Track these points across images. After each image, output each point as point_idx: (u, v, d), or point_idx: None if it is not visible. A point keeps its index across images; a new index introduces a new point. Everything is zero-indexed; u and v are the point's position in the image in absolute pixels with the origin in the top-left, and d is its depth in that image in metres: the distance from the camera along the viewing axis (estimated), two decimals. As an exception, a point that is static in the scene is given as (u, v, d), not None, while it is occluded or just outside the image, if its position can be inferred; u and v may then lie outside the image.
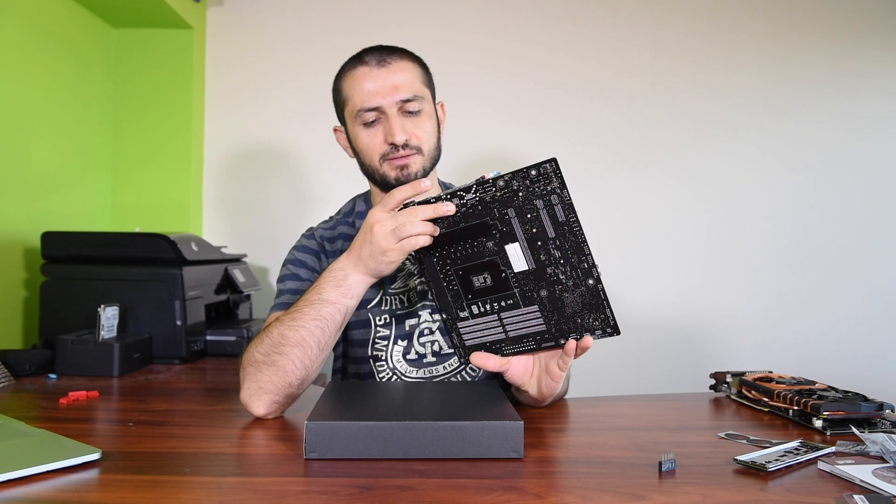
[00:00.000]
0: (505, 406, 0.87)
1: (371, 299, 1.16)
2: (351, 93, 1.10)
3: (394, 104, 1.07)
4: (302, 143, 2.12)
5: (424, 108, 1.11)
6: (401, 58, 1.11)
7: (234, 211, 2.13)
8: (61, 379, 1.30)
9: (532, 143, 2.08)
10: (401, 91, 1.07)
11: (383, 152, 1.09)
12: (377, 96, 1.07)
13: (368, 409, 0.85)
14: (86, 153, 1.92)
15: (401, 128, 1.07)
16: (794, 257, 2.09)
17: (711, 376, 1.21)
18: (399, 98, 1.07)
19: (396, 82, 1.08)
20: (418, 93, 1.09)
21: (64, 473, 0.73)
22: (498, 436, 0.78)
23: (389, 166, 1.10)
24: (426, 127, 1.11)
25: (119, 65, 2.04)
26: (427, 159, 1.12)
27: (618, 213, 2.11)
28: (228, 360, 1.57)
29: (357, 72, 1.10)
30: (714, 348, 2.08)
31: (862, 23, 2.08)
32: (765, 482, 0.73)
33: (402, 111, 1.08)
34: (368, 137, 1.10)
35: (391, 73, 1.08)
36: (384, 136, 1.08)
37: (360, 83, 1.09)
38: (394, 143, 1.07)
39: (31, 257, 1.63)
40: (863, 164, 2.09)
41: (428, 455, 0.78)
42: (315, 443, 0.78)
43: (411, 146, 1.09)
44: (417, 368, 1.14)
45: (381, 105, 1.07)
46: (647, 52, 2.09)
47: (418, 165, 1.10)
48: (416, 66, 1.12)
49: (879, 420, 0.94)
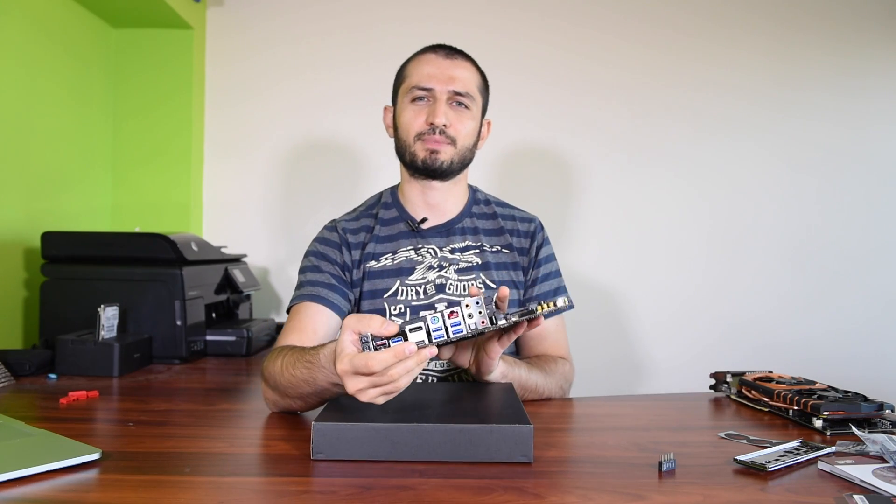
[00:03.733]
0: (516, 409, 0.86)
1: (388, 289, 1.18)
2: (411, 72, 1.19)
3: (445, 91, 1.15)
4: (302, 142, 2.12)
5: (472, 109, 1.18)
6: (466, 59, 1.20)
7: (234, 211, 2.13)
8: (61, 379, 1.30)
9: (533, 142, 2.08)
10: (456, 83, 1.16)
11: (420, 131, 1.16)
12: (433, 79, 1.15)
13: (377, 411, 0.84)
14: (86, 153, 1.92)
15: (444, 113, 1.15)
16: (794, 257, 2.09)
17: (711, 376, 1.21)
18: (452, 88, 1.15)
19: (455, 75, 1.16)
20: (471, 92, 1.17)
21: (64, 473, 0.73)
22: (507, 439, 0.78)
23: (421, 146, 1.16)
24: (467, 125, 1.18)
25: (119, 65, 2.04)
26: (458, 154, 1.18)
27: (618, 212, 2.11)
28: (228, 360, 1.57)
29: (424, 56, 1.19)
30: (714, 348, 2.08)
31: (863, 22, 2.08)
32: (765, 482, 0.73)
33: (451, 101, 1.16)
34: (412, 113, 1.17)
35: (453, 66, 1.17)
36: (427, 115, 1.15)
37: (422, 65, 1.18)
38: (434, 123, 1.14)
39: (31, 257, 1.63)
40: (865, 164, 2.09)
41: (436, 458, 0.78)
42: (322, 444, 0.78)
43: (448, 135, 1.16)
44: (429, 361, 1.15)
45: (435, 88, 1.15)
46: (647, 51, 2.09)
47: (447, 155, 1.17)
48: (477, 73, 1.21)
49: (879, 420, 0.94)
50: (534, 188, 2.09)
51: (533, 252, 1.23)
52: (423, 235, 1.22)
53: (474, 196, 1.29)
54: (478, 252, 1.21)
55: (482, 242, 1.23)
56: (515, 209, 1.30)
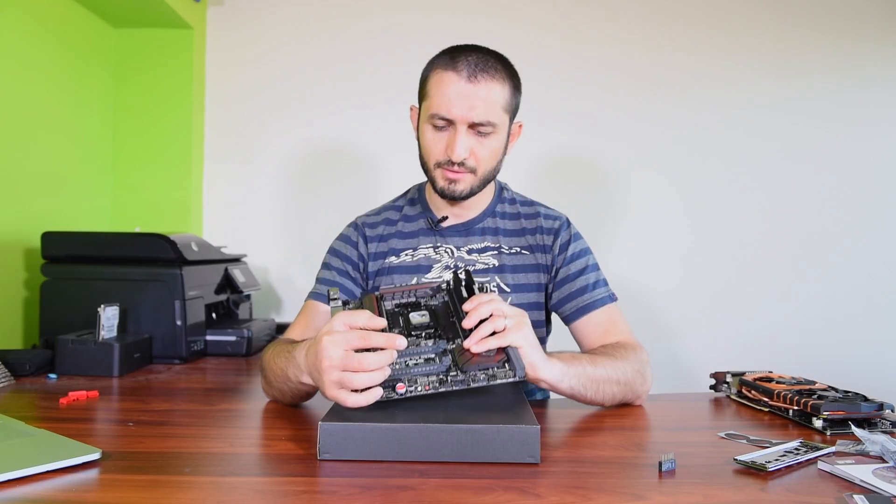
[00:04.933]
0: (523, 409, 0.85)
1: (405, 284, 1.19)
2: (433, 92, 1.11)
3: (466, 121, 1.08)
4: (302, 142, 2.12)
5: (497, 132, 1.12)
6: (492, 77, 1.09)
7: (235, 211, 2.13)
8: (61, 379, 1.30)
9: (532, 141, 2.08)
10: (477, 113, 1.08)
11: (439, 160, 1.12)
12: (454, 109, 1.08)
13: (384, 411, 0.83)
14: (86, 153, 1.92)
15: (463, 145, 1.09)
16: (794, 257, 2.09)
17: (711, 376, 1.21)
18: (473, 120, 1.08)
19: (476, 104, 1.07)
20: (494, 119, 1.09)
21: (64, 473, 0.73)
22: (514, 440, 0.77)
23: (441, 174, 1.13)
24: (490, 148, 1.12)
25: (119, 65, 2.04)
26: (478, 180, 1.14)
27: (619, 212, 2.11)
28: (228, 360, 1.57)
29: (446, 76, 1.09)
30: (714, 348, 2.08)
31: (864, 24, 2.08)
32: (765, 482, 0.73)
33: (471, 130, 1.10)
34: (432, 140, 1.12)
35: (476, 92, 1.07)
36: (446, 146, 1.10)
37: (444, 89, 1.09)
38: (451, 158, 1.10)
39: (31, 257, 1.63)
40: (866, 164, 2.09)
41: (443, 458, 0.77)
42: (329, 444, 0.78)
43: (467, 166, 1.11)
44: None
45: (455, 119, 1.08)
46: (647, 54, 2.09)
47: (466, 185, 1.13)
48: (504, 87, 1.10)
49: (879, 420, 0.94)
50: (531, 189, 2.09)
51: (556, 249, 1.20)
52: (443, 234, 1.22)
53: (500, 195, 1.26)
54: (496, 254, 1.20)
55: (501, 244, 1.21)
56: (542, 207, 1.26)
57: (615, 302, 1.18)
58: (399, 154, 2.09)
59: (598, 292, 1.17)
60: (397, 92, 2.02)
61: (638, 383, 1.06)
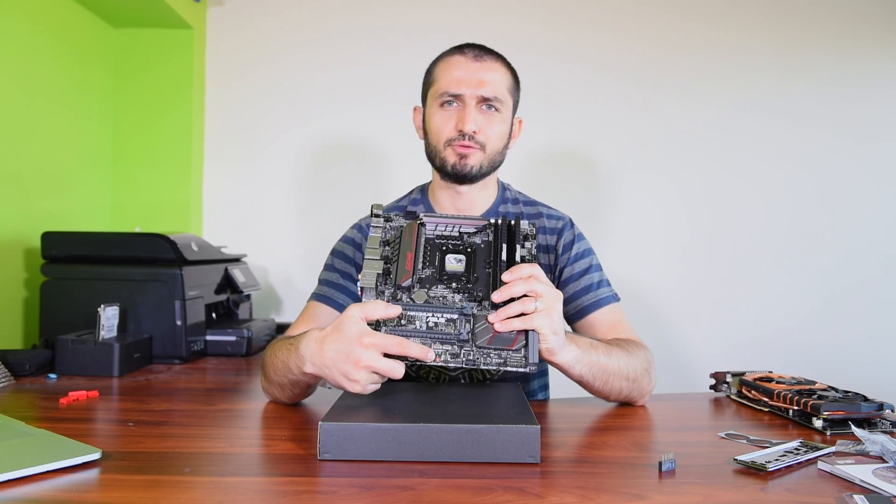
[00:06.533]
0: (523, 409, 0.85)
1: None
2: (440, 76, 1.16)
3: (475, 97, 1.13)
4: (302, 142, 2.12)
5: (502, 112, 1.16)
6: (496, 60, 1.17)
7: (234, 211, 2.13)
8: (61, 379, 1.30)
9: (530, 139, 2.08)
10: (485, 87, 1.13)
11: (450, 137, 1.15)
12: (463, 84, 1.13)
13: (384, 410, 0.84)
14: (86, 153, 1.92)
15: (473, 119, 1.13)
16: (793, 256, 2.09)
17: (711, 376, 1.21)
18: (482, 93, 1.13)
19: (484, 78, 1.13)
20: (501, 96, 1.14)
21: (64, 473, 0.73)
22: (514, 440, 0.77)
23: (451, 151, 1.15)
24: (497, 128, 1.16)
25: (119, 65, 2.04)
26: (487, 158, 1.16)
27: (617, 211, 2.11)
28: (228, 360, 1.57)
29: (452, 59, 1.16)
30: (713, 348, 2.08)
31: (863, 22, 2.08)
32: (765, 482, 0.73)
33: (480, 105, 1.14)
34: (442, 119, 1.15)
35: (483, 69, 1.14)
36: (456, 122, 1.14)
37: (451, 69, 1.15)
38: (463, 130, 1.12)
39: (31, 257, 1.63)
40: (867, 164, 2.09)
41: (443, 458, 0.77)
42: (329, 444, 0.78)
43: (477, 140, 1.14)
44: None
45: (464, 94, 1.13)
46: (645, 52, 2.09)
47: (477, 160, 1.15)
48: (507, 73, 1.18)
49: (879, 420, 0.94)
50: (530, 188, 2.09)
51: (560, 249, 1.20)
52: None
53: (503, 195, 1.27)
54: None
55: None
56: (545, 207, 1.27)
57: (619, 302, 1.18)
58: (400, 154, 2.09)
59: (602, 291, 1.17)
60: (398, 92, 2.02)
61: (645, 382, 1.06)
